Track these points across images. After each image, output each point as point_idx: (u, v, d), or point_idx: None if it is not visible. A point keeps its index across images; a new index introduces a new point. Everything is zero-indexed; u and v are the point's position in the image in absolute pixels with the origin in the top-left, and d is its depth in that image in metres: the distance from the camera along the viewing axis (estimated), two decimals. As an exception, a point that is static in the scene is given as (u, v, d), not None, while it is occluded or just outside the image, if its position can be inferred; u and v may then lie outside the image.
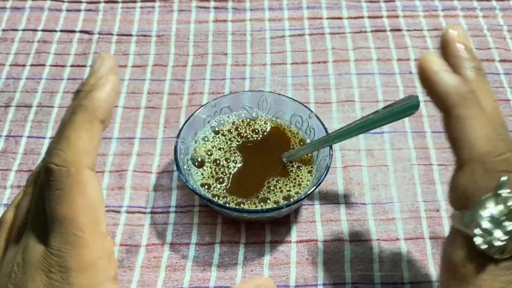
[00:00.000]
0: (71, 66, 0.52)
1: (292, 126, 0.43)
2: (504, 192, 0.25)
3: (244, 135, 0.43)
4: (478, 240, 0.25)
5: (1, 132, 0.47)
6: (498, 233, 0.24)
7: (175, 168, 0.43)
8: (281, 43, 0.54)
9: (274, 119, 0.44)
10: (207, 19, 0.56)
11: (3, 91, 0.50)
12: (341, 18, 0.56)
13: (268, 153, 0.42)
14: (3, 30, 0.55)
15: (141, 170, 0.44)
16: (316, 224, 0.41)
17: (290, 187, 0.40)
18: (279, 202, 0.39)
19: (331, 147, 0.39)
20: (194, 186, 0.38)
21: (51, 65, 0.52)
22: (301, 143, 0.42)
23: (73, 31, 0.55)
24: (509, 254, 0.25)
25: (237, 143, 0.42)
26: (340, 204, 0.42)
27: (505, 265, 0.25)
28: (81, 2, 0.58)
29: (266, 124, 0.44)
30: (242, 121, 0.44)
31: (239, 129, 0.43)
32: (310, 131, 0.42)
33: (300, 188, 0.40)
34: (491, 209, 0.25)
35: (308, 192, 0.37)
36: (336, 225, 0.41)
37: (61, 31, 0.55)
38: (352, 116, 0.48)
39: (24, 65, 0.52)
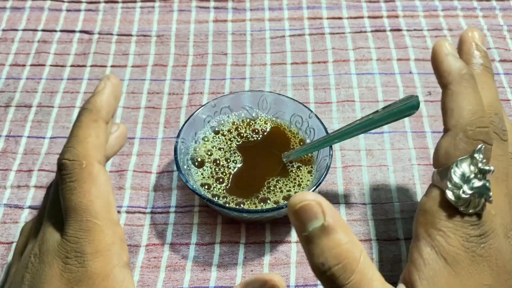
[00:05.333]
0: (71, 66, 0.52)
1: (292, 126, 0.43)
2: (478, 157, 0.29)
3: (244, 135, 0.43)
4: (448, 192, 0.29)
5: (1, 132, 0.47)
6: (465, 188, 0.28)
7: (175, 168, 0.43)
8: (281, 43, 0.54)
9: (274, 119, 0.44)
10: (207, 19, 0.56)
11: (3, 91, 0.50)
12: (341, 18, 0.56)
13: (268, 153, 0.42)
14: (3, 30, 0.55)
15: (141, 170, 0.44)
16: (316, 224, 0.41)
17: (290, 187, 0.40)
18: (279, 202, 0.39)
19: (331, 147, 0.39)
20: (194, 186, 0.38)
21: (51, 65, 0.52)
22: (301, 143, 0.42)
23: (73, 31, 0.55)
24: (473, 209, 0.28)
25: (237, 143, 0.42)
26: (340, 204, 0.42)
27: (468, 220, 0.28)
28: (81, 2, 0.58)
29: (266, 124, 0.44)
30: (242, 121, 0.44)
31: (239, 129, 0.43)
32: (310, 131, 0.42)
33: (300, 188, 0.39)
34: (464, 168, 0.29)
35: (308, 192, 0.37)
36: (336, 225, 0.41)
37: (61, 31, 0.55)
38: (352, 116, 0.48)
39: (24, 65, 0.52)
